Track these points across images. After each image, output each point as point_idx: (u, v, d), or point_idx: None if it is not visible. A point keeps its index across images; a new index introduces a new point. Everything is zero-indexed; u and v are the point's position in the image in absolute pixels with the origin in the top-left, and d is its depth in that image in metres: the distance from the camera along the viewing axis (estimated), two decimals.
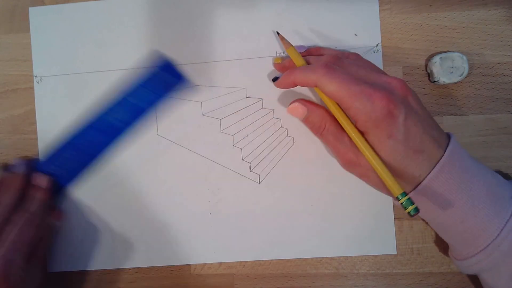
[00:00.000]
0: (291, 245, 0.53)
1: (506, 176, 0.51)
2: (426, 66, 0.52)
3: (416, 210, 0.40)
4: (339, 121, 0.45)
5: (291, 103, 0.48)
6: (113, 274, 0.55)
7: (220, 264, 0.54)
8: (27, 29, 0.55)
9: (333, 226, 0.52)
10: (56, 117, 0.55)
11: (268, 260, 0.53)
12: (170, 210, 0.54)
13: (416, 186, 0.42)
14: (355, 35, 0.52)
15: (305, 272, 0.53)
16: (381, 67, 0.52)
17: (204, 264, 0.54)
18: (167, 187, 0.54)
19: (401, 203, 0.40)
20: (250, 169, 0.53)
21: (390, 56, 0.52)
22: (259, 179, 0.53)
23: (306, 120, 0.48)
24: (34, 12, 0.55)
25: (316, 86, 0.44)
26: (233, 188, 0.53)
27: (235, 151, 0.53)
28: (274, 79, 0.49)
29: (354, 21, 0.52)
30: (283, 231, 0.53)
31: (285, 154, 0.53)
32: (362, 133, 0.43)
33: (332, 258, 0.53)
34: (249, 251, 0.53)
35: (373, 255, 0.52)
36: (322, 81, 0.43)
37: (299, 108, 0.48)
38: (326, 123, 0.46)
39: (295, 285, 0.53)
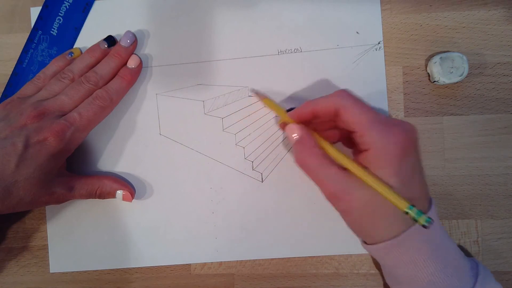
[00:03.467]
0: (294, 243, 0.53)
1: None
2: (426, 66, 0.52)
3: (430, 219, 0.38)
4: (329, 151, 0.44)
5: (290, 124, 0.46)
6: (113, 274, 0.55)
7: (220, 264, 0.54)
8: (27, 29, 0.55)
9: (335, 224, 0.52)
10: None
11: (268, 260, 0.53)
12: (173, 210, 0.54)
13: (399, 234, 0.42)
14: (357, 33, 0.52)
15: (305, 272, 0.53)
16: (382, 65, 0.52)
17: (204, 264, 0.54)
18: (169, 186, 0.54)
19: (412, 217, 0.38)
20: (252, 167, 0.53)
21: (390, 56, 0.52)
22: (262, 178, 0.53)
23: (295, 145, 0.46)
24: (35, 12, 0.55)
25: (336, 110, 0.43)
26: (236, 187, 0.53)
27: (237, 149, 0.53)
28: (289, 110, 0.47)
29: (356, 19, 0.52)
30: (285, 229, 0.53)
31: (287, 152, 0.53)
32: (363, 166, 0.42)
33: (332, 258, 0.53)
34: (252, 249, 0.53)
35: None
36: (344, 103, 0.42)
37: (295, 130, 0.46)
38: (310, 156, 0.44)
39: (295, 285, 0.53)
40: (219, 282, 0.54)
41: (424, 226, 0.38)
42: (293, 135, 0.46)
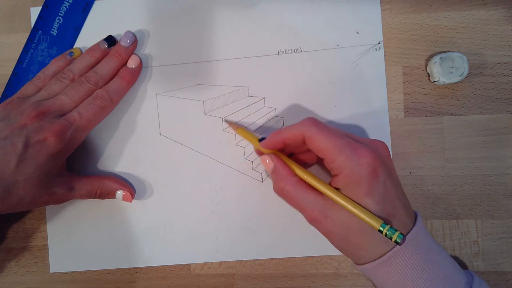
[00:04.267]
0: (294, 243, 0.53)
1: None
2: (426, 66, 0.52)
3: (402, 236, 0.38)
4: (303, 177, 0.44)
5: (264, 155, 0.47)
6: (113, 274, 0.54)
7: (220, 264, 0.54)
8: (27, 29, 0.55)
9: None
10: None
11: (268, 260, 0.53)
12: (173, 210, 0.54)
13: (384, 254, 0.42)
14: (357, 33, 0.52)
15: (305, 272, 0.53)
16: (382, 65, 0.52)
17: (204, 264, 0.54)
18: (169, 186, 0.54)
19: (385, 234, 0.39)
20: (252, 167, 0.53)
21: (390, 56, 0.52)
22: (262, 178, 0.53)
23: (271, 174, 0.47)
24: (35, 12, 0.55)
25: (303, 139, 0.43)
26: (236, 187, 0.53)
27: (237, 149, 0.53)
28: (261, 140, 0.48)
29: (356, 19, 0.52)
30: (285, 229, 0.53)
31: None
32: (336, 189, 0.42)
33: (332, 258, 0.53)
34: (252, 249, 0.53)
35: None
36: (310, 132, 0.42)
37: (268, 162, 0.47)
38: (286, 184, 0.45)
39: (295, 285, 0.53)
40: (219, 282, 0.54)
41: (397, 243, 0.38)
42: (268, 165, 0.47)
